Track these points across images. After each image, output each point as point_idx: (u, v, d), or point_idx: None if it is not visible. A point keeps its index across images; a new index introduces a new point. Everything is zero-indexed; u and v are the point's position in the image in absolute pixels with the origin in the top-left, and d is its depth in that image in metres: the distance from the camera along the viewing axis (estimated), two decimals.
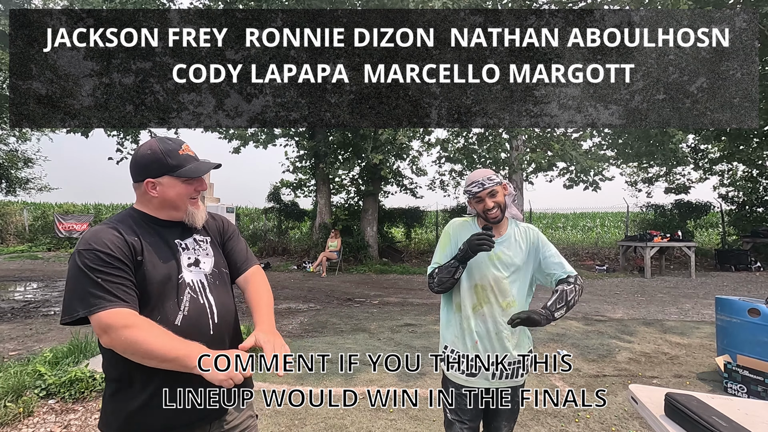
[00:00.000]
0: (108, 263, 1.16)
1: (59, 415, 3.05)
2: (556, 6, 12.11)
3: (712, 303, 6.54)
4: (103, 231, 1.22)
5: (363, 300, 7.92)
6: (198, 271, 1.34)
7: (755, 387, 3.41)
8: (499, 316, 1.78)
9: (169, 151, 1.29)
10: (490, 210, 1.77)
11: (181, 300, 1.27)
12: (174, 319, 1.24)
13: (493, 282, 1.79)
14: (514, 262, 1.81)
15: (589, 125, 13.14)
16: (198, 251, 1.37)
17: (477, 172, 1.82)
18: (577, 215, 23.42)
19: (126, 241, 1.22)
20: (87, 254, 1.16)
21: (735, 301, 3.90)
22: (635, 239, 11.74)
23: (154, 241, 1.29)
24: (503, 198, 1.80)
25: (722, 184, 16.05)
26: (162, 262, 1.27)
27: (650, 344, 5.03)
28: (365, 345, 4.96)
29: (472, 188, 1.78)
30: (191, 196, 1.33)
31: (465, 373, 1.80)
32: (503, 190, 1.81)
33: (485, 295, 1.80)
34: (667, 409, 1.28)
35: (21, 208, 18.96)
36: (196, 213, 1.36)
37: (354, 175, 15.12)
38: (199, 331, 1.26)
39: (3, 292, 8.48)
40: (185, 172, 1.29)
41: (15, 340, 5.09)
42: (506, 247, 1.83)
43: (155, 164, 1.28)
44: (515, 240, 1.85)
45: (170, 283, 1.27)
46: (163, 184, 1.29)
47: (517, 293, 1.81)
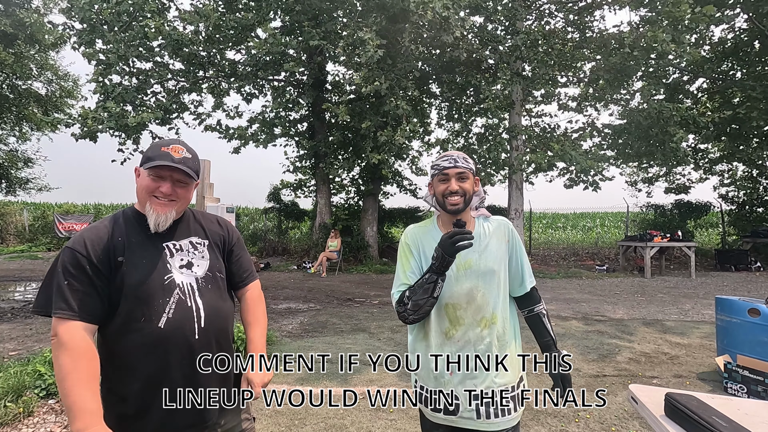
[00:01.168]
0: (80, 267, 1.17)
1: (59, 415, 3.05)
2: (556, 6, 12.12)
3: (712, 303, 6.54)
4: (90, 230, 1.25)
5: (363, 300, 7.91)
6: (189, 274, 1.32)
7: (755, 387, 3.41)
8: (479, 339, 1.45)
9: (155, 146, 1.31)
10: (452, 194, 1.45)
11: (167, 302, 1.25)
12: (158, 321, 1.22)
13: (465, 297, 1.46)
14: (489, 267, 1.48)
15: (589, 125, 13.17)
16: (193, 254, 1.36)
17: (453, 151, 1.54)
18: (577, 215, 23.43)
19: (108, 241, 1.24)
20: (67, 253, 1.19)
21: (735, 301, 3.90)
22: (635, 239, 11.74)
23: (140, 240, 1.29)
24: (471, 189, 1.49)
25: (722, 184, 16.06)
26: (145, 263, 1.26)
27: (650, 344, 5.03)
28: (365, 345, 4.96)
29: (441, 161, 1.49)
30: (153, 194, 1.28)
31: (442, 412, 1.47)
32: (474, 182, 1.51)
33: (458, 316, 1.46)
34: (667, 409, 1.28)
35: (21, 208, 18.96)
36: (152, 215, 1.28)
37: (354, 175, 15.13)
38: (182, 335, 1.25)
39: (3, 292, 8.48)
40: (145, 162, 1.29)
41: (15, 340, 5.09)
42: (475, 250, 1.49)
43: (144, 154, 1.32)
44: (485, 238, 1.53)
45: (155, 284, 1.25)
46: (141, 174, 1.31)
47: (498, 306, 1.48)
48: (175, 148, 1.31)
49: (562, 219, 22.93)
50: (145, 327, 1.21)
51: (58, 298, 1.15)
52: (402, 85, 9.34)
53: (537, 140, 11.34)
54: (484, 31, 10.32)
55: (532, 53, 9.52)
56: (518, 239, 1.58)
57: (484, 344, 1.45)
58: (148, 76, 9.80)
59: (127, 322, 1.21)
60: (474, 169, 1.52)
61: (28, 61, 16.48)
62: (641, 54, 9.07)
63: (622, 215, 17.77)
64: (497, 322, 1.48)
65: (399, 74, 9.31)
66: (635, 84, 12.15)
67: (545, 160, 10.42)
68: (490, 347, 1.46)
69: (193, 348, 1.26)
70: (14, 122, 18.57)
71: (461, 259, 1.47)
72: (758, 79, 11.62)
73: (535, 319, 1.56)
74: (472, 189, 1.50)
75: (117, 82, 9.27)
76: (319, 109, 12.66)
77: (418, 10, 7.66)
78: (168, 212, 1.30)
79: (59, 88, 18.38)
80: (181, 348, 1.25)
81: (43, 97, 18.10)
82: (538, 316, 1.56)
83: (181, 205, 1.34)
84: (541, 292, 5.27)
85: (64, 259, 1.18)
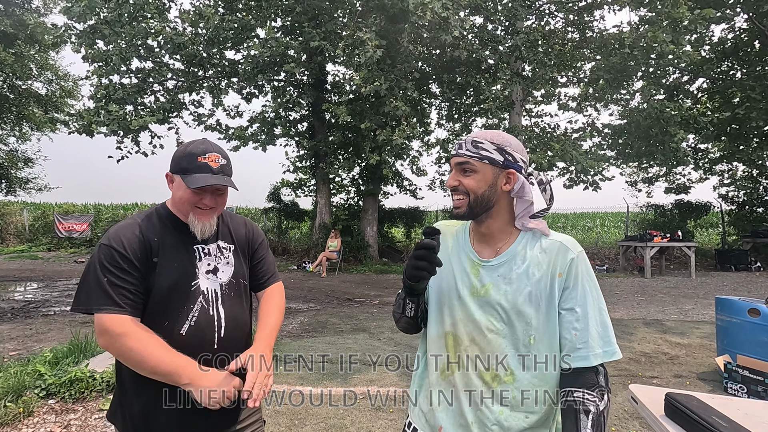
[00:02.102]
0: (118, 264, 1.15)
1: (59, 415, 3.05)
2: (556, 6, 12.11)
3: (712, 303, 6.54)
4: (125, 228, 1.22)
5: (363, 300, 7.92)
6: (214, 280, 1.30)
7: (755, 387, 3.41)
8: (479, 398, 1.04)
9: (189, 154, 1.24)
10: (453, 191, 1.08)
11: (191, 308, 1.23)
12: (180, 327, 1.21)
13: (472, 333, 1.06)
14: (514, 305, 1.03)
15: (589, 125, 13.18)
16: (219, 259, 1.33)
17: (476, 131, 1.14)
18: (577, 215, 23.45)
19: (144, 240, 1.21)
20: (104, 250, 1.16)
21: (735, 301, 3.90)
22: (635, 239, 11.74)
23: (173, 242, 1.26)
24: (486, 187, 1.04)
25: (722, 184, 16.07)
26: (177, 266, 1.23)
27: (650, 344, 5.03)
28: (365, 345, 4.96)
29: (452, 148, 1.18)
30: (197, 206, 1.26)
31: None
32: (507, 176, 1.05)
33: (458, 353, 1.07)
34: (667, 409, 1.28)
35: (21, 208, 18.96)
36: (197, 225, 1.27)
37: (354, 175, 15.14)
38: (201, 344, 1.23)
39: (3, 292, 8.48)
40: (188, 180, 1.23)
41: (15, 340, 5.09)
42: (502, 275, 1.05)
43: (174, 161, 1.27)
44: (524, 261, 1.05)
45: (183, 289, 1.23)
46: (174, 183, 1.28)
47: (514, 359, 1.03)
48: (211, 158, 1.24)
49: (562, 219, 22.93)
50: (167, 332, 1.18)
51: (100, 294, 1.13)
52: (402, 85, 9.34)
53: (537, 140, 11.35)
54: (484, 31, 10.32)
55: (531, 53, 9.52)
56: (585, 280, 1.03)
57: (488, 409, 1.03)
58: (148, 75, 9.81)
59: (150, 324, 1.18)
60: (497, 158, 1.04)
61: (28, 61, 16.49)
62: (641, 54, 9.08)
63: (622, 215, 17.77)
64: (512, 383, 1.03)
65: (399, 75, 9.32)
66: (635, 84, 12.16)
67: (545, 160, 10.43)
68: (495, 416, 1.03)
69: (210, 359, 1.24)
70: (14, 122, 18.58)
71: (479, 282, 1.07)
72: (758, 79, 11.62)
73: (568, 413, 0.97)
74: (491, 186, 1.05)
75: (117, 81, 9.28)
76: (319, 109, 12.66)
77: (417, 11, 7.66)
78: (212, 220, 1.30)
79: (59, 88, 18.40)
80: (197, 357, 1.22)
81: (43, 98, 18.12)
82: (571, 405, 0.96)
83: (220, 210, 1.34)
84: None
85: (101, 256, 1.15)
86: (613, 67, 10.01)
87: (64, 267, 12.47)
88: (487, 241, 1.11)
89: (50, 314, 6.53)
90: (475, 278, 1.08)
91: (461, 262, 1.12)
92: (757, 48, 12.69)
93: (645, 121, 10.58)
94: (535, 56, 9.56)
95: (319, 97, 12.48)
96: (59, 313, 6.59)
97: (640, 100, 11.92)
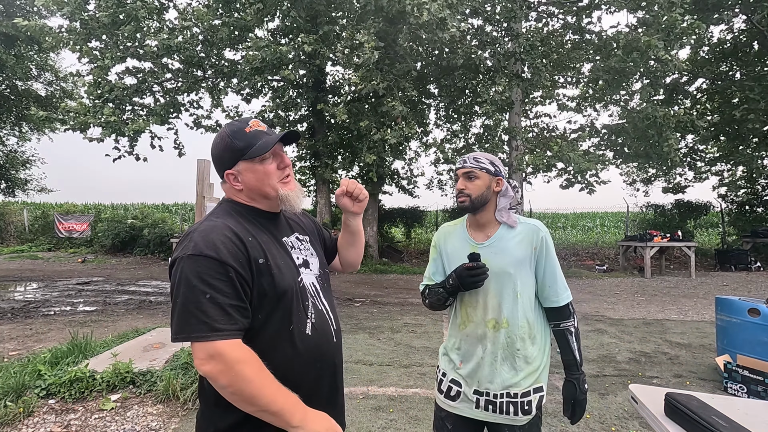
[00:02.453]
0: (220, 276, 0.97)
1: (59, 415, 3.05)
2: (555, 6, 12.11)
3: (712, 303, 6.54)
4: (214, 230, 1.03)
5: (363, 300, 7.91)
6: (309, 273, 1.20)
7: (755, 387, 3.41)
8: (486, 339, 1.50)
9: (235, 133, 1.12)
10: (460, 193, 1.55)
11: (306, 306, 1.13)
12: (305, 328, 1.11)
13: (477, 296, 1.53)
14: (502, 268, 1.49)
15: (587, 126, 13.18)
16: (304, 251, 1.24)
17: (474, 153, 1.62)
18: (577, 215, 23.47)
19: (241, 242, 1.04)
20: (198, 262, 0.97)
21: (735, 301, 3.90)
22: (635, 239, 11.74)
23: (267, 239, 1.13)
24: (483, 189, 1.53)
25: (721, 184, 16.07)
26: (283, 264, 1.11)
27: (650, 344, 5.03)
28: (365, 345, 4.96)
29: (457, 163, 1.61)
30: (278, 177, 1.15)
31: (443, 394, 1.56)
32: (491, 182, 1.55)
33: (468, 313, 1.55)
34: (667, 409, 1.28)
35: (21, 208, 18.96)
36: (291, 194, 1.16)
37: (353, 175, 15.14)
38: (326, 340, 1.16)
39: (3, 292, 8.48)
40: (255, 150, 1.10)
41: (15, 340, 5.09)
42: (493, 251, 1.52)
43: (227, 153, 1.13)
44: (507, 239, 1.54)
45: (295, 287, 1.12)
46: (242, 172, 1.13)
47: (515, 312, 1.48)
48: (255, 123, 1.15)
49: (562, 219, 22.94)
50: (295, 336, 1.08)
51: (205, 317, 0.94)
52: (400, 85, 9.34)
53: (536, 141, 11.35)
54: (483, 32, 10.31)
55: (530, 58, 9.54)
56: (549, 248, 1.54)
57: (493, 346, 1.48)
58: (146, 75, 9.79)
59: (278, 331, 1.06)
60: (492, 169, 1.54)
61: (27, 61, 16.49)
62: (639, 57, 9.08)
63: (622, 215, 17.78)
64: (509, 327, 1.48)
65: (397, 74, 9.31)
66: (634, 85, 12.16)
67: (544, 161, 10.43)
68: (498, 351, 1.48)
69: (334, 353, 1.19)
70: (14, 122, 18.59)
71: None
72: (757, 80, 11.62)
73: (561, 336, 1.54)
74: (486, 189, 1.53)
75: (113, 80, 9.25)
76: (318, 110, 12.67)
77: (414, 12, 7.66)
78: (297, 186, 1.19)
79: (59, 89, 18.39)
80: (325, 354, 1.16)
81: (43, 98, 18.11)
82: (564, 333, 1.53)
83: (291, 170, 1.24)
84: None
85: (197, 270, 0.97)
86: (611, 68, 10.02)
87: (64, 267, 12.47)
88: (481, 229, 1.59)
89: (50, 314, 6.53)
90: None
91: (464, 249, 1.56)
92: (756, 49, 12.69)
93: (642, 123, 10.58)
94: (533, 61, 9.56)
95: (318, 97, 12.48)
96: (59, 313, 6.59)
97: (639, 100, 11.92)
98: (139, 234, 15.06)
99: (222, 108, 12.05)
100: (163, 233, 14.72)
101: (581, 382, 1.50)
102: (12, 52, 15.41)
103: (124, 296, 8.11)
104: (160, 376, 3.46)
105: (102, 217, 17.11)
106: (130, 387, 3.43)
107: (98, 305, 7.25)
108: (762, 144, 13.49)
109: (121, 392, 3.35)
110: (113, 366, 3.49)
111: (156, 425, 2.94)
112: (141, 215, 16.33)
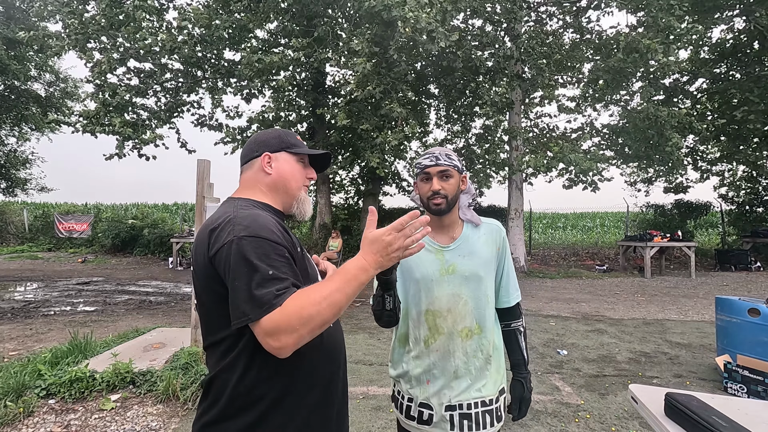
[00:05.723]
0: (278, 254, 0.99)
1: (59, 415, 3.05)
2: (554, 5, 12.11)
3: (712, 303, 6.54)
4: (260, 216, 1.05)
5: (363, 300, 7.91)
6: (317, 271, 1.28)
7: (755, 387, 3.41)
8: (458, 350, 1.38)
9: (288, 133, 1.26)
10: (435, 194, 1.37)
11: None
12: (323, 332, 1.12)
13: (446, 304, 1.38)
14: (474, 272, 1.39)
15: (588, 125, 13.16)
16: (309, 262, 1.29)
17: (436, 148, 1.44)
18: (577, 215, 23.45)
19: (284, 228, 1.10)
20: (253, 243, 0.97)
21: (735, 301, 3.90)
22: (635, 239, 11.74)
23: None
24: (456, 189, 1.40)
25: (722, 184, 16.06)
26: (307, 263, 1.17)
27: (650, 344, 5.03)
28: (365, 345, 4.96)
29: (423, 160, 1.39)
30: (304, 183, 1.25)
31: (416, 420, 1.40)
32: (460, 181, 1.43)
33: (437, 324, 1.39)
34: (667, 409, 1.28)
35: (21, 208, 18.96)
36: (307, 199, 1.26)
37: (354, 175, 15.14)
38: (340, 335, 1.23)
39: (3, 292, 8.48)
40: (302, 149, 1.24)
41: (15, 340, 5.09)
42: (461, 254, 1.40)
43: (275, 140, 1.22)
44: (473, 241, 1.43)
45: (318, 278, 1.19)
46: (279, 160, 1.20)
47: (484, 316, 1.40)
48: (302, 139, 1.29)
49: (562, 219, 22.94)
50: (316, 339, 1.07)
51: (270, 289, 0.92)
52: (397, 88, 9.34)
53: (536, 141, 11.35)
54: (483, 33, 10.31)
55: (531, 59, 9.54)
56: (508, 248, 1.50)
57: (466, 356, 1.38)
58: (148, 76, 9.79)
59: None
60: (460, 166, 1.42)
61: (28, 62, 16.51)
62: (639, 58, 9.08)
63: (622, 215, 17.78)
64: (481, 334, 1.39)
65: (394, 78, 9.31)
66: (634, 85, 12.16)
67: (544, 162, 10.42)
68: (471, 360, 1.38)
69: (343, 349, 1.26)
70: (14, 123, 18.59)
71: (445, 264, 1.40)
72: (757, 81, 11.61)
73: (510, 336, 1.50)
74: (457, 188, 1.41)
75: (115, 82, 9.26)
76: (318, 110, 12.67)
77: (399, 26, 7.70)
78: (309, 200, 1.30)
79: (59, 90, 18.39)
80: (340, 348, 1.23)
81: (43, 99, 18.12)
82: (514, 332, 1.50)
83: None
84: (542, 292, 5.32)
85: (255, 250, 0.96)
86: (612, 68, 10.01)
87: (64, 267, 12.47)
88: (445, 231, 1.45)
89: (50, 314, 6.53)
90: (441, 261, 1.41)
91: (427, 252, 1.42)
92: (756, 49, 12.68)
93: (643, 123, 10.57)
94: (534, 62, 9.55)
95: (317, 100, 12.48)
96: (59, 313, 6.59)
97: (639, 100, 11.91)
98: (139, 234, 15.06)
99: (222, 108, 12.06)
100: (163, 233, 14.72)
101: (528, 381, 1.48)
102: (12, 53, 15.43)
103: (124, 296, 8.11)
104: (160, 376, 3.46)
105: (102, 217, 17.12)
106: (130, 387, 3.43)
107: (98, 305, 7.25)
108: (763, 144, 13.48)
109: (121, 392, 3.35)
110: (113, 366, 3.49)
111: (156, 425, 2.94)
112: (141, 215, 16.34)
